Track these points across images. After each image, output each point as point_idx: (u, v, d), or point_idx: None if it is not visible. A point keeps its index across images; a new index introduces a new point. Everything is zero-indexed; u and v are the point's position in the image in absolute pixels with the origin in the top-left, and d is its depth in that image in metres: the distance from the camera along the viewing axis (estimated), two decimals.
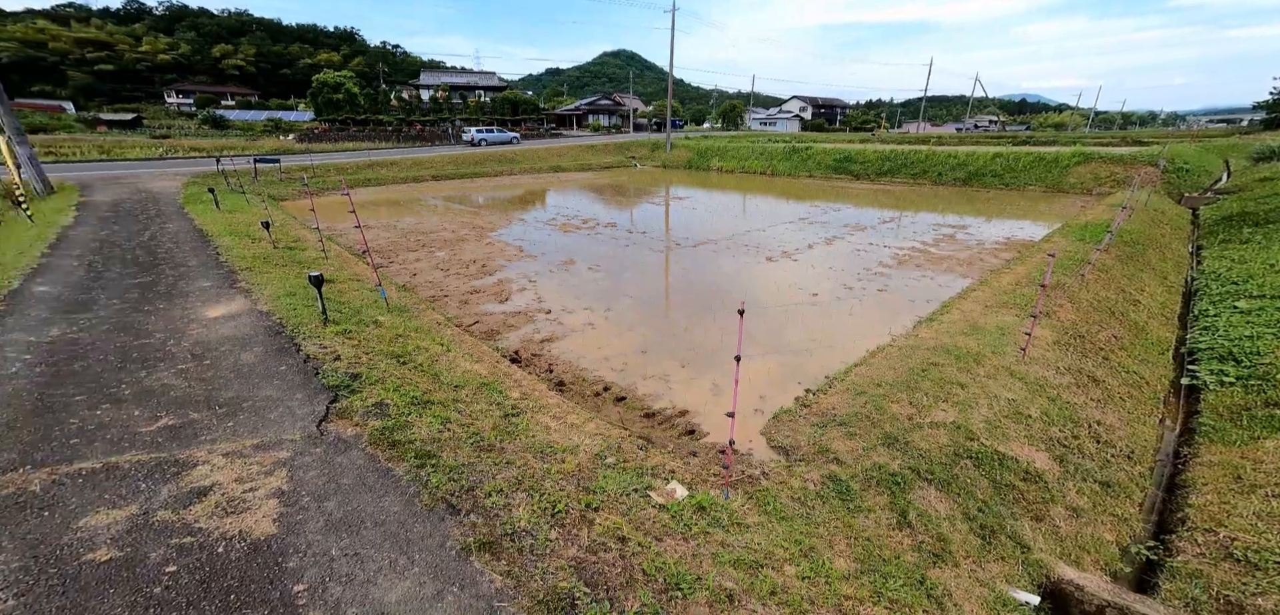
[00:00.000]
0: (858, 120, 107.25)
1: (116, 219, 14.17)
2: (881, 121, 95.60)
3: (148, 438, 4.12)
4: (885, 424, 5.46)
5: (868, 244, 15.46)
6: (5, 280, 8.04)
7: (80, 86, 72.92)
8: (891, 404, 5.83)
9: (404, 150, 42.26)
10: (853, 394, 6.15)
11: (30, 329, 6.18)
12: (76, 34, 78.33)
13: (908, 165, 32.92)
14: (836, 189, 29.66)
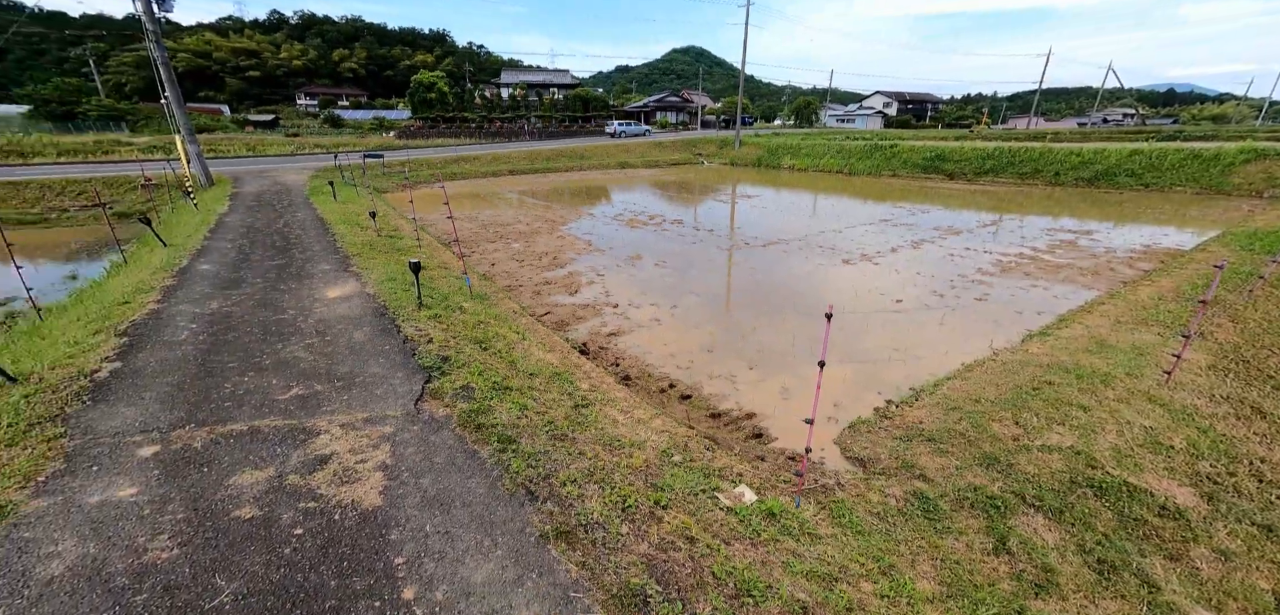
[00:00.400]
0: (952, 116, 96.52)
1: (259, 207, 16.02)
2: (981, 116, 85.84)
3: (282, 405, 4.60)
4: (984, 443, 4.98)
5: (964, 249, 14.13)
6: (178, 259, 9.33)
7: (234, 91, 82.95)
8: (993, 423, 5.31)
9: (485, 146, 44.27)
10: (944, 409, 5.66)
11: (195, 301, 7.12)
12: (233, 44, 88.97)
13: (1015, 163, 29.65)
14: (925, 189, 27.35)
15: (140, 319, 6.24)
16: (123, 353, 5.31)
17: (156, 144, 33.84)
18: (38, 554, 2.76)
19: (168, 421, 4.17)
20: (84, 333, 5.87)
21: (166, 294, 7.32)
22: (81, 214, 18.56)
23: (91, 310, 6.73)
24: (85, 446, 3.74)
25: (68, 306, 7.92)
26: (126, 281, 8.24)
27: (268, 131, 55.98)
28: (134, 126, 48.67)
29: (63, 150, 29.15)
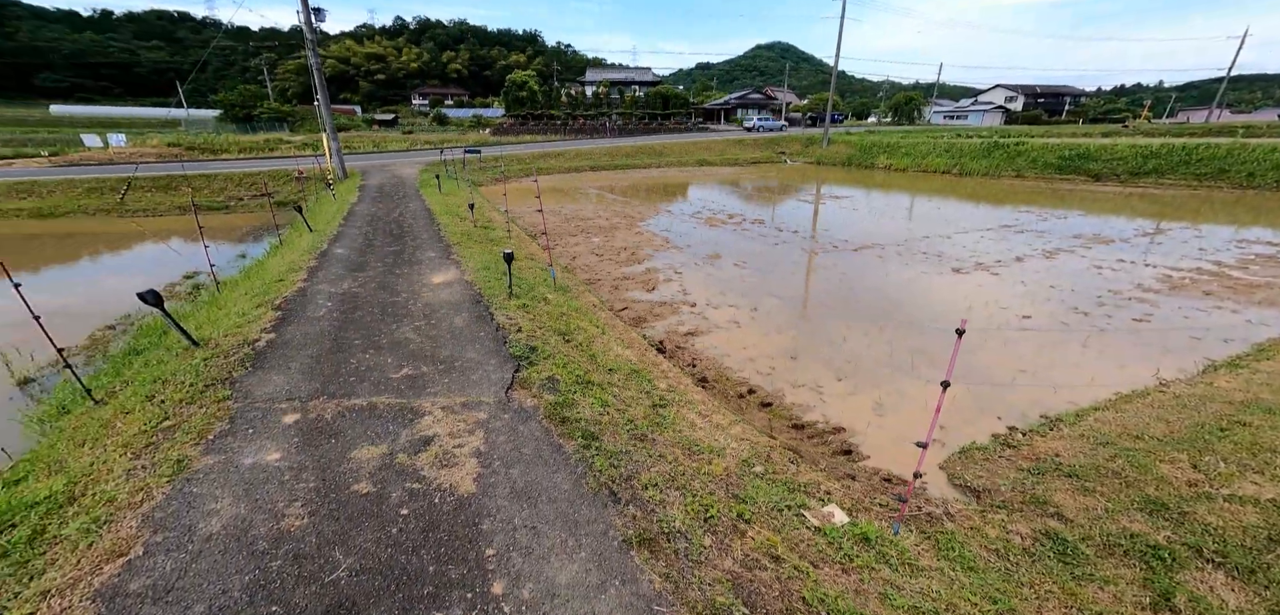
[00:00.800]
0: (1097, 110, 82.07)
1: (380, 198, 17.65)
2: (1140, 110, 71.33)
3: (395, 384, 4.91)
4: (1147, 486, 4.17)
5: (1115, 260, 12.15)
6: (319, 243, 10.46)
7: (365, 93, 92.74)
8: (1161, 464, 4.44)
9: (568, 142, 45.41)
10: (1091, 443, 4.82)
11: (331, 282, 7.91)
12: (366, 49, 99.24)
13: (1188, 162, 24.84)
14: (1059, 192, 23.85)
15: (290, 295, 7.03)
16: (277, 325, 5.99)
17: (309, 142, 38.62)
18: (202, 509, 3.10)
19: (306, 391, 4.60)
20: (249, 305, 6.72)
21: (310, 274, 8.21)
22: (252, 202, 21.65)
23: (255, 286, 7.71)
24: (245, 410, 4.21)
25: (238, 281, 9.18)
26: (281, 261, 9.37)
27: (388, 129, 61.88)
28: (293, 127, 55.89)
29: (243, 147, 34.25)
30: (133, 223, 17.94)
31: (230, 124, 55.62)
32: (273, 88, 78.05)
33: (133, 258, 14.22)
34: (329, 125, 21.20)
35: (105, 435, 4.01)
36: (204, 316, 6.89)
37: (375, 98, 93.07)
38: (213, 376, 4.68)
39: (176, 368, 4.92)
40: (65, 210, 18.24)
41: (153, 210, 19.48)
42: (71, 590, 2.45)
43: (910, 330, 8.09)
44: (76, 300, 10.40)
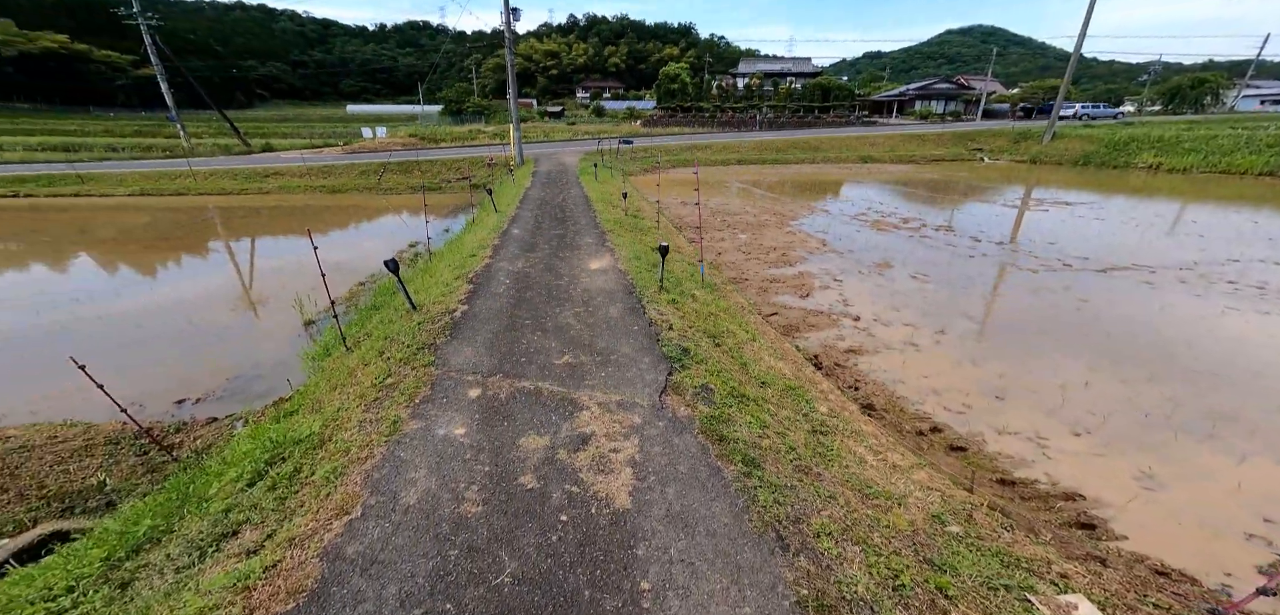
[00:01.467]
0: None
1: (548, 184, 19.08)
2: None
3: (558, 371, 4.89)
4: None
5: None
6: (501, 224, 11.55)
7: (540, 88, 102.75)
8: None
9: (716, 135, 43.82)
10: None
11: (509, 260, 8.53)
12: (544, 47, 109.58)
13: None
14: None
15: (479, 271, 7.71)
16: (468, 297, 6.54)
17: (498, 132, 44.19)
18: (404, 478, 3.28)
19: (487, 367, 4.81)
20: (450, 276, 7.53)
21: (494, 252, 8.98)
22: (456, 184, 25.43)
23: (454, 259, 8.69)
24: (442, 379, 4.53)
25: (443, 253, 10.57)
26: (474, 238, 10.51)
27: (556, 120, 67.60)
28: (487, 119, 64.56)
29: (454, 137, 40.67)
30: (384, 199, 22.48)
31: (448, 117, 66.26)
32: (477, 85, 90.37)
33: (381, 226, 17.71)
34: (515, 118, 23.58)
35: (349, 383, 4.67)
36: (420, 283, 7.94)
37: (547, 92, 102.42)
38: (422, 341, 5.18)
39: (400, 329, 5.60)
40: (347, 188, 23.66)
41: (396, 189, 24.16)
42: (308, 542, 2.69)
43: (1206, 384, 5.61)
44: (346, 257, 13.24)
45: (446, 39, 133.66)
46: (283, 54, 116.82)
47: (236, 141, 34.44)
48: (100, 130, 42.61)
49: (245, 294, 10.45)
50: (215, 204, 19.85)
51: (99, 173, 23.32)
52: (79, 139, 36.28)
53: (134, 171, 23.96)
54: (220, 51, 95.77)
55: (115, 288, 10.56)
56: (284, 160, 28.06)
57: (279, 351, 7.46)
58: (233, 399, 6.22)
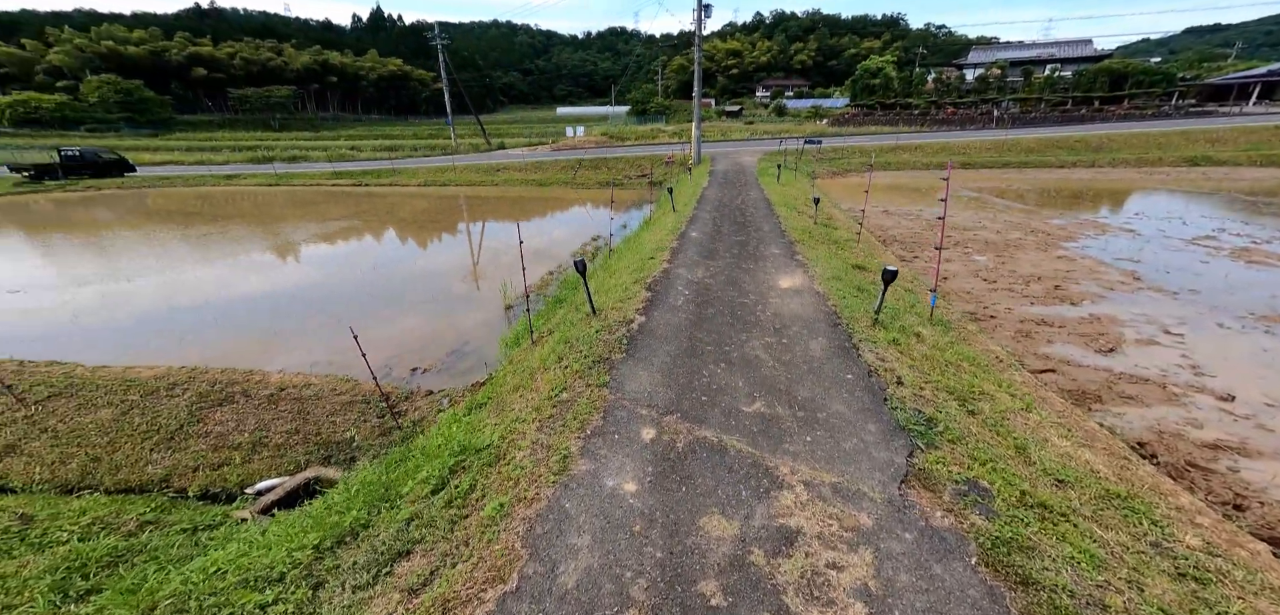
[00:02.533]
0: None
1: (725, 184, 18.11)
2: None
3: (746, 421, 3.83)
4: None
5: None
6: (679, 224, 11.03)
7: (719, 87, 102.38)
8: None
9: (929, 134, 36.31)
10: None
11: (687, 267, 7.83)
12: (727, 46, 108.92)
13: None
14: None
15: (657, 276, 7.19)
16: (646, 307, 6.00)
17: (677, 131, 45.36)
18: (566, 543, 2.67)
19: (663, 401, 4.06)
20: (629, 278, 7.18)
21: (672, 256, 8.43)
22: (636, 180, 26.58)
23: (632, 261, 8.42)
24: (615, 407, 3.95)
25: (623, 250, 10.57)
26: (652, 238, 10.22)
27: (733, 119, 66.18)
28: (667, 118, 66.99)
29: (638, 136, 43.28)
30: (577, 192, 24.91)
31: (633, 118, 71.17)
32: (660, 86, 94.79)
33: (572, 216, 19.42)
34: (697, 117, 23.31)
35: (530, 386, 4.47)
36: (600, 282, 7.85)
37: (727, 91, 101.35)
38: (598, 353, 4.75)
39: (579, 334, 5.33)
40: (551, 182, 27.05)
41: (586, 184, 26.56)
42: (463, 609, 2.23)
43: None
44: (543, 243, 14.68)
45: (638, 43, 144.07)
46: (518, 64, 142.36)
47: (483, 141, 43.05)
48: (409, 134, 58.58)
49: (473, 271, 12.30)
50: (464, 194, 24.80)
51: (404, 167, 31.70)
52: (397, 141, 50.47)
53: (423, 166, 31.83)
54: (480, 65, 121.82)
55: (401, 256, 13.65)
56: (509, 157, 33.68)
57: (483, 333, 8.26)
58: (446, 373, 6.98)
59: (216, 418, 5.32)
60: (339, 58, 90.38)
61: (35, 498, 4.26)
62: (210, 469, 4.88)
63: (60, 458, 4.74)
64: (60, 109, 56.47)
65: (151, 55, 72.19)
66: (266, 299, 9.88)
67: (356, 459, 5.16)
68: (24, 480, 4.56)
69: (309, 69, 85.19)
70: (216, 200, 22.80)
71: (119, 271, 11.58)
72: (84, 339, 8.01)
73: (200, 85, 75.58)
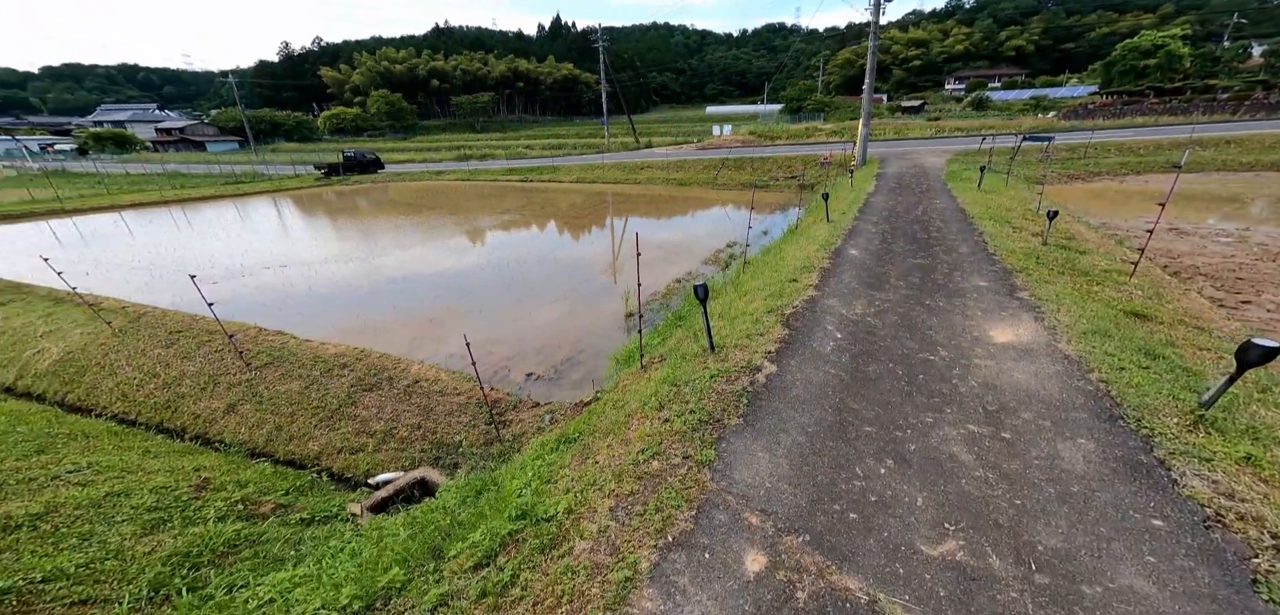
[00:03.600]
0: None
1: (899, 190, 14.82)
2: None
3: (929, 575, 2.30)
4: None
5: None
6: (834, 238, 9.06)
7: (894, 82, 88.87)
8: None
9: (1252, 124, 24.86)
10: None
11: (842, 297, 6.08)
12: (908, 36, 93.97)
13: None
14: None
15: (799, 307, 5.70)
16: (780, 351, 4.64)
17: (837, 129, 40.52)
18: None
19: (786, 508, 2.76)
20: (761, 306, 5.84)
21: (823, 278, 6.74)
22: (783, 182, 24.18)
23: (770, 281, 7.00)
24: (713, 505, 2.82)
25: (759, 264, 9.11)
26: (797, 253, 8.56)
27: (912, 116, 56.38)
28: (826, 116, 60.68)
29: (790, 135, 40.02)
30: (717, 193, 23.83)
31: (786, 116, 66.54)
32: (821, 82, 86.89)
33: (710, 217, 18.39)
34: (867, 112, 19.95)
35: (619, 437, 3.63)
36: (727, 301, 6.67)
37: (904, 85, 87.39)
38: (707, 411, 3.65)
39: (690, 374, 4.31)
40: (691, 181, 26.51)
41: (728, 184, 25.24)
42: None
43: None
44: (675, 245, 13.99)
45: (797, 38, 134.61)
46: (672, 64, 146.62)
47: (633, 140, 45.12)
48: (573, 134, 65.11)
49: (612, 267, 12.38)
50: (609, 190, 25.97)
51: (562, 165, 35.01)
52: (561, 140, 56.47)
53: (577, 164, 34.68)
54: (636, 66, 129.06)
55: (542, 250, 14.55)
56: (654, 155, 34.29)
57: (602, 340, 7.86)
58: (557, 384, 6.69)
59: (364, 403, 5.81)
60: (526, 64, 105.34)
61: (225, 458, 5.06)
62: (349, 453, 5.27)
63: (257, 422, 5.65)
64: (355, 120, 78.05)
65: (407, 71, 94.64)
66: (431, 283, 11.22)
67: (459, 465, 5.07)
68: (231, 438, 5.53)
69: (504, 76, 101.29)
70: (427, 192, 28.13)
71: (349, 253, 14.70)
72: (310, 309, 10.07)
73: (434, 95, 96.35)
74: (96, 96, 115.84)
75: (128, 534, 3.10)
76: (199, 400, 5.87)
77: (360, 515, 4.45)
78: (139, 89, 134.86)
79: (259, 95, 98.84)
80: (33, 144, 61.79)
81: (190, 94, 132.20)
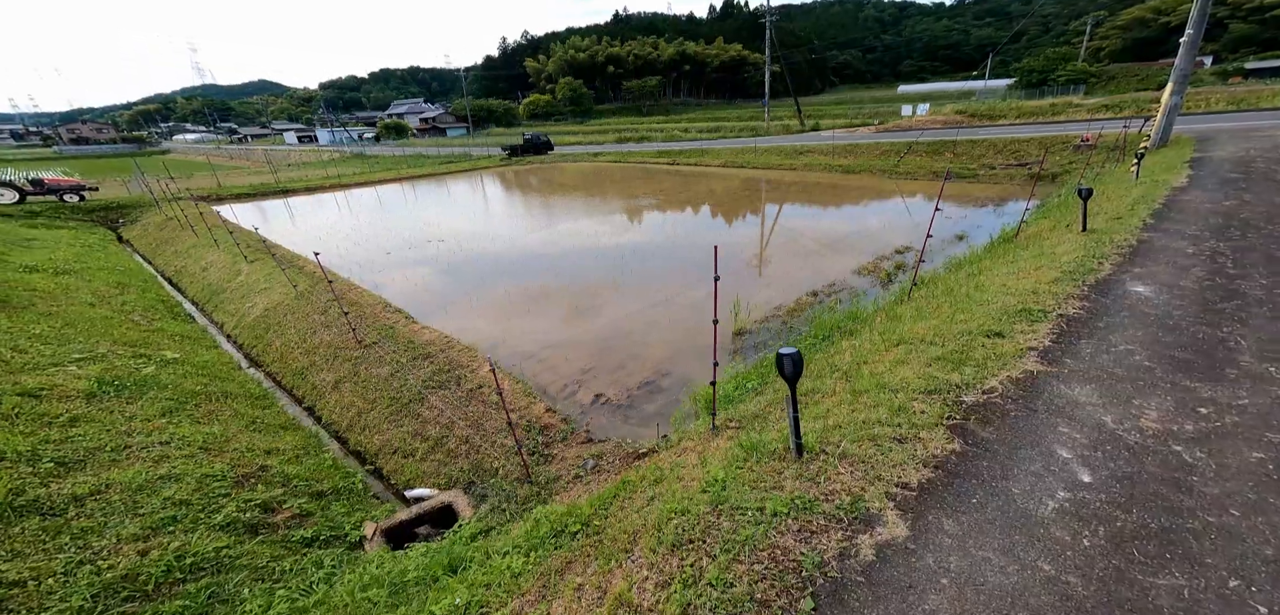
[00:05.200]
0: None
1: (1244, 182, 8.95)
2: None
3: None
4: None
5: None
6: (1096, 262, 5.51)
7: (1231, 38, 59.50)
8: None
9: None
10: None
11: (1104, 384, 3.27)
12: None
13: None
14: None
15: (1000, 392, 3.23)
16: (932, 487, 2.52)
17: (1108, 104, 28.87)
18: None
19: None
20: (917, 380, 3.50)
21: (1062, 336, 3.89)
22: (1003, 171, 17.87)
23: (950, 328, 4.40)
24: None
25: (936, 286, 6.19)
26: (1014, 279, 5.48)
27: (1266, 81, 36.50)
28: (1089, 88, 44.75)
29: (1021, 113, 30.10)
30: (895, 182, 19.06)
31: (1019, 90, 51.75)
32: (1086, 48, 65.23)
33: (881, 211, 14.59)
34: (1183, 74, 12.90)
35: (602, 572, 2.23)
36: (857, 353, 4.42)
37: (1251, 41, 57.73)
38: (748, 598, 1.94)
39: (754, 481, 2.60)
40: (860, 169, 21.90)
41: (913, 173, 19.97)
42: None
43: None
44: (827, 235, 11.23)
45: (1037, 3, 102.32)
46: (858, 41, 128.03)
47: (796, 122, 40.40)
48: (733, 116, 62.20)
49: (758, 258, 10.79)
50: (759, 176, 23.37)
51: (712, 148, 33.25)
52: (721, 122, 54.28)
53: (727, 147, 32.47)
54: (814, 44, 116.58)
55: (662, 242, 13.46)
56: (818, 139, 29.76)
57: (692, 364, 6.39)
58: (627, 413, 5.55)
59: (430, 402, 5.62)
60: (693, 47, 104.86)
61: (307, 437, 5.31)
62: (402, 456, 5.08)
63: (347, 403, 5.87)
64: (546, 106, 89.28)
65: (588, 58, 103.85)
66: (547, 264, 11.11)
67: (486, 497, 4.39)
68: (327, 416, 5.87)
69: (672, 60, 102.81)
70: (577, 173, 29.82)
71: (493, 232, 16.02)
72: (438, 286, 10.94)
73: (609, 80, 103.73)
74: (393, 94, 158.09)
75: (123, 536, 3.12)
76: (320, 372, 6.49)
77: (371, 539, 4.08)
78: (418, 87, 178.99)
79: (483, 86, 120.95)
80: (353, 134, 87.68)
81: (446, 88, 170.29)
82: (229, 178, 30.87)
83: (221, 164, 44.32)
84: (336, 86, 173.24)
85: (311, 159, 43.84)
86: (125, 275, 10.26)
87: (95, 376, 4.81)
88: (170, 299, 9.44)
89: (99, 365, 5.12)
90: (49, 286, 8.10)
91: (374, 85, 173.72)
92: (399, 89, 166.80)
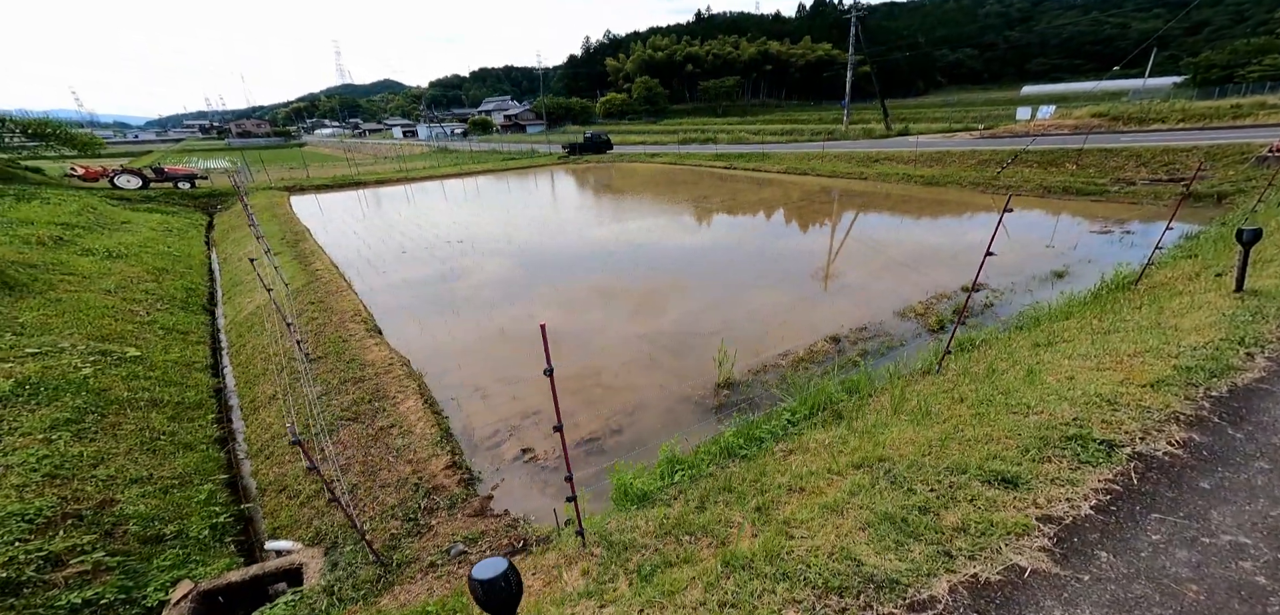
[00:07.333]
0: None
1: None
2: None
3: None
4: None
5: None
6: (1237, 347, 3.57)
7: None
8: None
9: None
10: None
11: (1165, 602, 1.80)
12: None
13: None
14: None
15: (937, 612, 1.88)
16: None
17: None
18: None
19: None
20: (837, 551, 2.23)
21: (1111, 512, 2.35)
22: (1144, 187, 14.12)
23: (946, 449, 2.94)
24: None
25: (1001, 351, 4.48)
26: (1088, 380, 3.73)
27: None
28: None
29: (1187, 116, 24.10)
30: (990, 197, 15.95)
31: (1190, 89, 42.04)
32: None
33: (953, 230, 12.15)
34: None
35: None
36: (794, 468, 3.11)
37: None
38: None
39: None
40: (946, 180, 18.73)
41: (1017, 187, 16.58)
42: None
43: None
44: (885, 259, 9.39)
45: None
46: (976, 39, 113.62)
47: (880, 126, 36.34)
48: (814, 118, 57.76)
49: (825, 271, 9.48)
50: (821, 184, 21.01)
51: (773, 153, 30.83)
52: (799, 124, 50.59)
53: (789, 152, 29.86)
54: (920, 42, 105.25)
55: (680, 261, 12.22)
56: (899, 145, 26.34)
57: (652, 423, 5.35)
58: (547, 478, 4.72)
59: (340, 435, 5.24)
60: (777, 46, 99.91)
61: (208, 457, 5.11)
62: (287, 496, 4.67)
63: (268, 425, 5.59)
64: (621, 104, 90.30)
65: (666, 58, 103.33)
66: (545, 279, 10.49)
67: (337, 565, 3.78)
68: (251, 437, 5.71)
69: (753, 59, 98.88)
70: (625, 174, 29.12)
71: (509, 235, 15.83)
72: (444, 293, 10.72)
73: (686, 80, 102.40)
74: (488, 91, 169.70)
75: None
76: (263, 383, 6.41)
77: (174, 604, 3.59)
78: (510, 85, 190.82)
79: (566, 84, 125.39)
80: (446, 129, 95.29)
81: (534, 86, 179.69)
82: (324, 170, 34.46)
83: (336, 155, 49.96)
84: (442, 84, 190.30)
85: (405, 153, 47.85)
86: (174, 261, 11.36)
87: (25, 375, 4.96)
88: (199, 288, 10.23)
89: (40, 362, 5.33)
90: (88, 268, 9.06)
91: (473, 84, 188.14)
92: (494, 87, 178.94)
